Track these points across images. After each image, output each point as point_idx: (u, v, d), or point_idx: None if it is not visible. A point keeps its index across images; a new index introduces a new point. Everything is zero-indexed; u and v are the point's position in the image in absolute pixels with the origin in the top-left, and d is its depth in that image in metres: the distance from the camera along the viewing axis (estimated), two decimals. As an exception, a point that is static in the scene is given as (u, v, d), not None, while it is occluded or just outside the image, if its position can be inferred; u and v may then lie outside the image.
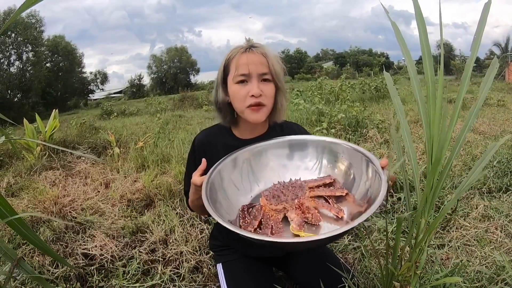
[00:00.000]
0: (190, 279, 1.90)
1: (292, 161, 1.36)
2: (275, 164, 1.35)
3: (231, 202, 1.21)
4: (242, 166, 1.31)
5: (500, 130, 5.03)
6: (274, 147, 1.36)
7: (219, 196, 1.18)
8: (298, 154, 1.36)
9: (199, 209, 1.37)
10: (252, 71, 1.25)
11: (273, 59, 1.29)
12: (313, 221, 1.07)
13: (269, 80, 1.29)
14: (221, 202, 1.17)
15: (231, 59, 1.29)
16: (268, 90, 1.29)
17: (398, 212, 2.42)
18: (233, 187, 1.27)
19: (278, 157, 1.36)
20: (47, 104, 30.06)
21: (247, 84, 1.27)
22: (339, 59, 58.47)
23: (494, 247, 2.00)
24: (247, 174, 1.31)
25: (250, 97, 1.26)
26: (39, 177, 3.75)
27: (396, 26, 1.01)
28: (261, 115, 1.29)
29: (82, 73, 41.61)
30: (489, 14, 0.94)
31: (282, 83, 1.34)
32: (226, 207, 1.17)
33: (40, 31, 33.34)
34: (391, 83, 1.18)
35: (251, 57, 1.26)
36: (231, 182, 1.27)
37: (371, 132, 4.62)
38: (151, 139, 5.16)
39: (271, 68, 1.27)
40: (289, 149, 1.37)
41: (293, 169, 1.33)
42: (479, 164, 0.99)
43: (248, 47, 1.28)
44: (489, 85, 0.97)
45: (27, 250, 2.19)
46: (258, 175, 1.32)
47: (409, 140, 1.11)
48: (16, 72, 31.34)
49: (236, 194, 1.26)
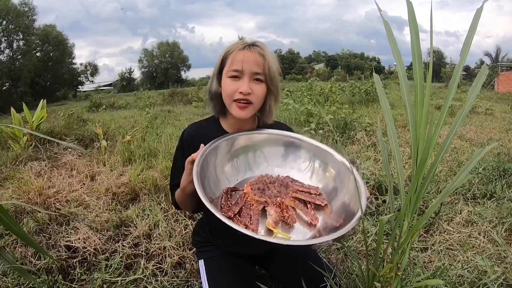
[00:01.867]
0: (173, 275, 1.89)
1: (287, 159, 1.40)
2: (269, 156, 1.39)
3: (218, 181, 1.26)
4: (238, 150, 1.36)
5: (487, 138, 5.10)
6: (271, 140, 1.41)
7: (208, 173, 1.21)
8: (292, 153, 1.40)
9: (185, 202, 1.38)
10: (245, 69, 1.26)
11: (271, 60, 1.29)
12: (289, 221, 1.12)
13: (261, 81, 1.29)
14: (209, 180, 1.20)
15: (230, 53, 1.29)
16: (258, 90, 1.29)
17: (382, 215, 2.43)
18: (223, 167, 1.31)
19: (274, 151, 1.40)
20: (35, 94, 29.66)
21: (239, 81, 1.27)
22: (330, 61, 58.85)
23: (476, 252, 2.02)
24: (242, 159, 1.36)
25: (239, 93, 1.27)
26: (24, 168, 3.70)
27: (389, 26, 1.01)
28: (245, 112, 1.30)
29: (72, 64, 41.23)
30: (481, 25, 0.95)
31: (276, 85, 1.34)
32: (213, 184, 1.21)
33: (32, 20, 32.93)
34: (380, 84, 1.18)
35: (247, 55, 1.26)
36: (223, 161, 1.31)
37: (359, 134, 4.65)
38: (139, 133, 5.13)
39: (265, 69, 1.27)
40: (284, 147, 1.41)
41: (286, 165, 1.38)
42: (465, 167, 1.00)
43: (248, 45, 1.29)
44: (477, 91, 0.98)
45: (9, 241, 2.15)
46: (251, 163, 1.37)
47: (395, 142, 1.11)
48: (6, 60, 30.93)
49: (225, 174, 1.30)
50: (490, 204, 2.62)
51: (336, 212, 1.19)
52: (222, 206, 1.15)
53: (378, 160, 3.60)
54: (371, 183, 2.73)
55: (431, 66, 0.98)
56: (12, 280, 1.82)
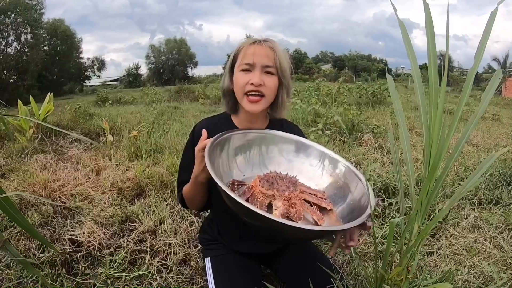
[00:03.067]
0: (178, 272, 1.88)
1: (299, 155, 1.42)
2: (281, 158, 1.41)
3: (230, 169, 1.29)
4: (251, 145, 1.37)
5: (494, 144, 5.07)
6: (282, 141, 1.42)
7: (218, 161, 1.24)
8: (304, 151, 1.43)
9: (193, 198, 1.40)
10: (256, 62, 1.28)
11: (281, 54, 1.31)
12: (295, 217, 1.11)
13: (272, 73, 1.30)
14: (219, 167, 1.22)
15: (241, 49, 1.32)
16: (270, 82, 1.30)
17: (389, 217, 2.42)
18: (235, 157, 1.34)
19: (286, 152, 1.42)
20: (42, 87, 29.70)
21: (250, 73, 1.29)
22: (337, 62, 58.77)
23: (482, 258, 2.01)
24: (255, 154, 1.38)
25: (250, 85, 1.28)
26: (30, 160, 3.70)
27: (404, 27, 1.00)
28: (258, 106, 1.32)
29: (79, 59, 41.41)
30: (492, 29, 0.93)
31: (288, 79, 1.35)
32: (223, 173, 1.24)
33: (40, 13, 32.91)
34: (393, 85, 1.17)
35: (258, 48, 1.29)
36: (234, 153, 1.34)
37: (366, 136, 4.63)
38: (145, 128, 5.13)
39: (276, 62, 1.29)
40: (295, 146, 1.43)
41: (297, 165, 1.40)
42: (477, 172, 0.99)
43: (259, 40, 1.31)
44: (491, 94, 0.97)
45: (13, 233, 2.16)
46: (265, 159, 1.39)
47: (407, 144, 1.10)
48: (14, 53, 30.98)
49: (238, 165, 1.33)
50: (497, 210, 2.60)
51: (338, 218, 1.20)
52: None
53: (385, 163, 3.58)
54: (378, 185, 2.71)
55: (446, 70, 0.97)
56: (15, 273, 1.82)
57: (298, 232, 0.99)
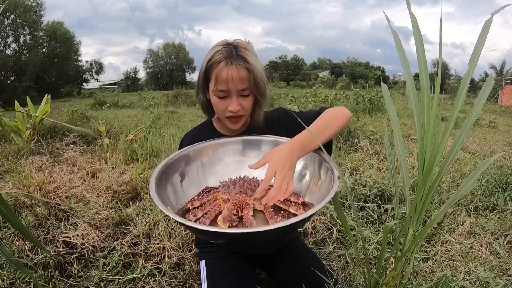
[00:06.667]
0: (171, 275, 1.87)
1: (247, 157, 1.37)
2: (229, 160, 1.37)
3: (181, 191, 1.24)
4: (198, 160, 1.34)
5: (490, 151, 5.09)
6: (229, 143, 1.39)
7: (173, 180, 1.22)
8: (253, 151, 1.38)
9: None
10: (231, 89, 1.24)
11: (255, 70, 1.25)
12: (244, 221, 1.06)
13: (248, 95, 1.29)
14: (172, 189, 1.20)
15: (213, 67, 1.25)
16: (246, 104, 1.29)
17: (384, 223, 2.41)
18: (187, 177, 1.29)
19: (233, 153, 1.38)
20: (40, 89, 29.60)
21: (227, 99, 1.27)
22: (335, 69, 59.01)
23: (478, 264, 2.00)
24: (200, 167, 1.33)
25: (229, 111, 1.28)
26: (26, 161, 3.70)
27: (397, 35, 1.00)
28: (238, 125, 1.34)
29: (78, 62, 41.52)
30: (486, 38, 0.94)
31: (263, 90, 1.31)
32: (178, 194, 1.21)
33: (40, 15, 33.01)
34: (388, 93, 1.17)
35: (231, 72, 1.21)
36: (187, 172, 1.30)
37: (362, 142, 4.64)
38: (142, 132, 5.13)
39: (250, 82, 1.25)
40: (242, 146, 1.39)
41: (250, 162, 1.26)
42: (472, 176, 0.99)
43: (230, 58, 1.23)
44: (484, 99, 0.97)
45: (7, 234, 2.14)
46: (209, 169, 1.35)
47: (402, 150, 1.10)
48: (12, 54, 31.00)
49: (188, 185, 1.27)
50: (493, 216, 2.60)
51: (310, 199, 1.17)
52: (192, 199, 1.17)
53: (381, 169, 3.58)
54: (374, 191, 2.71)
55: (439, 76, 0.98)
56: (8, 274, 1.81)
57: (260, 236, 0.93)
